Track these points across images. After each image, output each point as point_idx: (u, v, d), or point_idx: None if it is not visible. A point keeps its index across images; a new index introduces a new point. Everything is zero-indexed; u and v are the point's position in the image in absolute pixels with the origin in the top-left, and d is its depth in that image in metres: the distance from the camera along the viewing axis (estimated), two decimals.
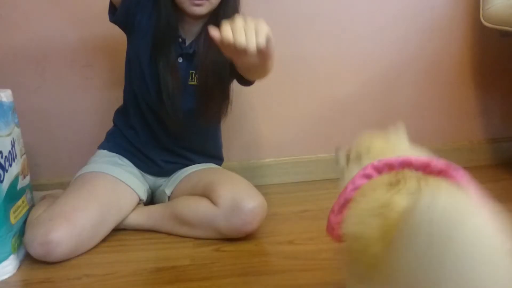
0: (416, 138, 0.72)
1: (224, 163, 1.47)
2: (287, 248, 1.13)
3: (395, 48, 1.59)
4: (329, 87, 1.60)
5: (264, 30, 0.79)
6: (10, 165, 1.10)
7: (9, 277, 1.05)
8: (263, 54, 0.84)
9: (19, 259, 1.10)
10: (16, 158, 1.14)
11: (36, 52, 1.48)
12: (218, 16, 1.17)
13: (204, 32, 1.19)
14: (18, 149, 1.16)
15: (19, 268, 1.09)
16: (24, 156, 1.21)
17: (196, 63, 1.22)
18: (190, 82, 1.24)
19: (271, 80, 1.56)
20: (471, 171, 0.60)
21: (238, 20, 0.79)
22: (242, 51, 0.78)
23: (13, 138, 1.13)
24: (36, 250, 1.07)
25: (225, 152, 1.48)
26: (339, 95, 1.60)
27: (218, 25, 1.13)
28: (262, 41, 0.78)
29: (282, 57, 1.55)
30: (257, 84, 1.46)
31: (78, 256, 1.12)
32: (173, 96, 1.20)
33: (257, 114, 1.61)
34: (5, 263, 1.05)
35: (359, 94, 1.60)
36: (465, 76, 1.64)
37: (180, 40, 1.22)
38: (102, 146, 1.37)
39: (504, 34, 1.47)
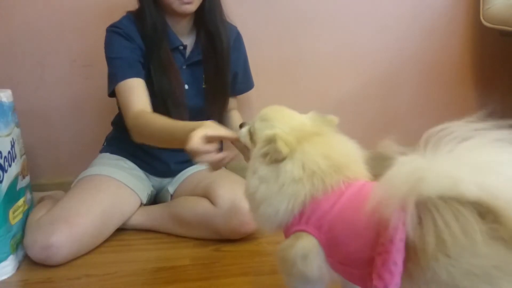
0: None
1: None
2: None
3: (395, 48, 1.59)
4: (329, 87, 1.60)
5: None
6: (10, 166, 1.10)
7: (8, 277, 1.05)
8: None
9: (18, 259, 1.10)
10: (15, 158, 1.13)
11: (36, 52, 1.48)
12: (204, 9, 1.22)
13: (202, 37, 1.26)
14: (17, 149, 1.16)
15: (18, 268, 1.09)
16: (24, 156, 1.21)
17: (204, 68, 1.28)
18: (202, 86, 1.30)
19: (271, 80, 1.57)
20: None
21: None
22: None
23: (13, 138, 1.13)
24: (37, 254, 1.07)
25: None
26: (338, 95, 1.60)
27: (204, 18, 1.23)
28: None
29: (281, 57, 1.56)
30: (256, 84, 1.45)
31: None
32: (176, 96, 1.22)
33: (257, 114, 1.60)
34: (4, 263, 1.05)
35: (359, 94, 1.60)
36: (465, 76, 1.64)
37: (181, 47, 1.25)
38: (104, 150, 1.34)
39: (504, 34, 1.47)
